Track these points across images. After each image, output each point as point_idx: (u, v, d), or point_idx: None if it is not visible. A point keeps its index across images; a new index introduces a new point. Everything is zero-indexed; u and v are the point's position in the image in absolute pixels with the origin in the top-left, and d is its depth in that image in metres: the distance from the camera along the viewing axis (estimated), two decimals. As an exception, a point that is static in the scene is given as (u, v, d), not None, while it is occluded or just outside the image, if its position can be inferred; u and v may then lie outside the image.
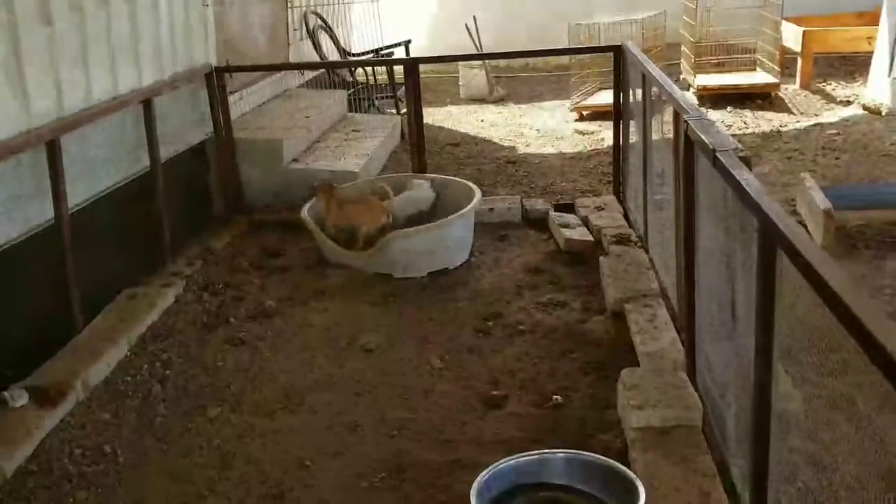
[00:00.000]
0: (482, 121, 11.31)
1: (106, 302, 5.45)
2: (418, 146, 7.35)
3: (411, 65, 7.34)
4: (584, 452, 3.45)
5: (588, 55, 10.46)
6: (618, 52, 6.95)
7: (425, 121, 9.63)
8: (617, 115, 7.13)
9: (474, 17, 12.66)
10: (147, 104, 6.05)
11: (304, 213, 6.42)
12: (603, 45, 10.08)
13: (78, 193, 5.22)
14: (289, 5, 9.90)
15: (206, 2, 7.27)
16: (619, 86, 6.98)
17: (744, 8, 11.39)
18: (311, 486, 3.79)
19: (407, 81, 7.32)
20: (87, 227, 5.25)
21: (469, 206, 6.30)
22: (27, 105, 4.72)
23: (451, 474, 3.76)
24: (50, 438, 4.12)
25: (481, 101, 12.76)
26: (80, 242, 5.06)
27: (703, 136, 3.50)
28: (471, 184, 6.77)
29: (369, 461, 3.93)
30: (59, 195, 4.85)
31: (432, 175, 7.23)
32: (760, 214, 2.67)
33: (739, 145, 3.34)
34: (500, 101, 12.75)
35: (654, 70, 5.40)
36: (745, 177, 2.94)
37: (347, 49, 11.47)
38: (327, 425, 4.26)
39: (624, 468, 3.28)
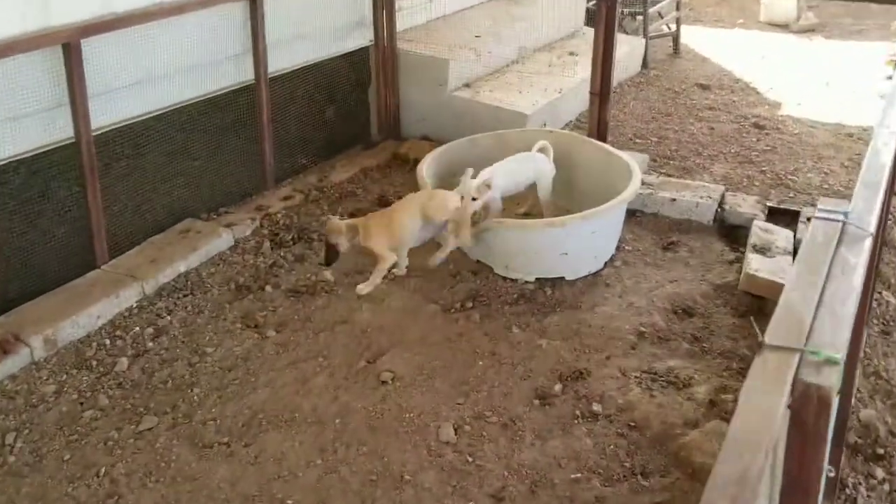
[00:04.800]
0: (763, 58, 8.80)
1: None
2: (601, 92, 5.54)
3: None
4: None
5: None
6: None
7: (690, 44, 7.64)
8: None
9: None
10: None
11: (423, 170, 5.09)
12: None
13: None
14: None
15: None
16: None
17: None
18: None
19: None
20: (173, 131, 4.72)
21: (605, 206, 4.55)
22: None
23: None
24: (-38, 406, 3.55)
25: (783, 27, 10.06)
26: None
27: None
28: (633, 162, 4.92)
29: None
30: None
31: (591, 140, 5.41)
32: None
33: None
34: (806, 30, 9.93)
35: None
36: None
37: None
38: (253, 491, 3.17)
39: None
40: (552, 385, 3.73)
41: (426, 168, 5.08)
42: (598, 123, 5.60)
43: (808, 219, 4.78)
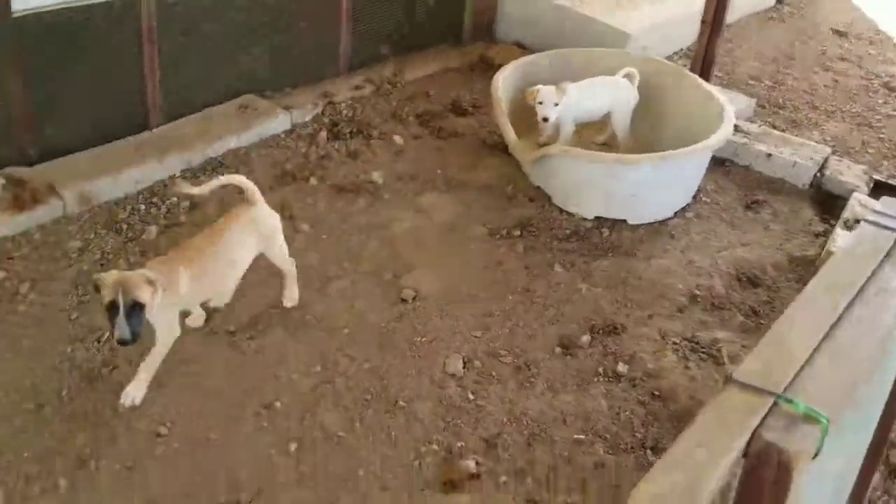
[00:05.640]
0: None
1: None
2: (713, 21, 4.96)
3: None
4: None
5: None
6: None
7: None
8: None
9: None
10: None
11: (499, 80, 4.71)
12: None
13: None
14: None
15: None
16: None
17: None
18: None
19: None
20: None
21: (686, 149, 4.10)
22: None
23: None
24: (-14, 249, 3.55)
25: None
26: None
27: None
28: (729, 107, 4.41)
29: None
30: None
31: (696, 78, 4.86)
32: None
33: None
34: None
35: None
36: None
37: None
38: (245, 386, 3.07)
39: None
40: (580, 335, 3.45)
41: (503, 79, 4.71)
42: (704, 57, 5.04)
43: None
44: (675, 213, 4.29)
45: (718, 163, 4.69)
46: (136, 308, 2.69)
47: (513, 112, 4.59)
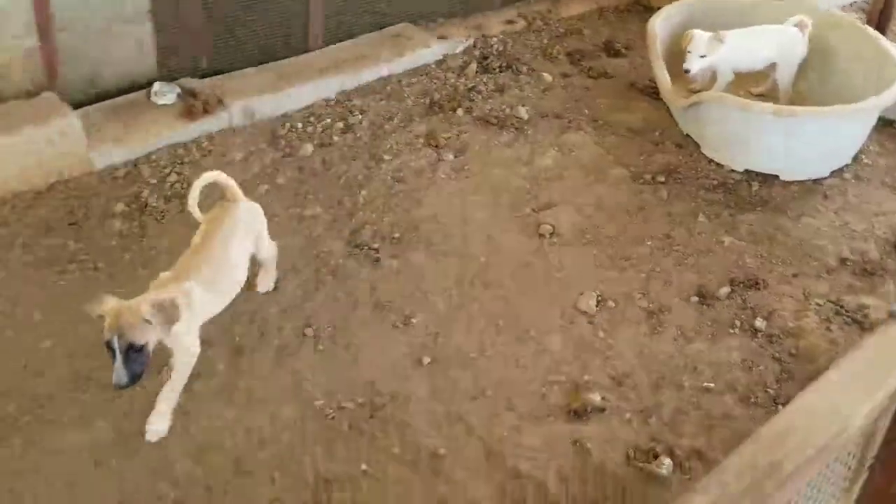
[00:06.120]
0: None
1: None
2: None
3: None
4: None
5: None
6: None
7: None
8: None
9: None
10: None
11: (654, 25, 4.57)
12: None
13: None
14: None
15: None
16: None
17: None
18: None
19: None
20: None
21: (851, 106, 3.88)
22: None
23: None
24: (160, 154, 3.85)
25: None
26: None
27: None
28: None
29: None
30: None
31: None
32: None
33: None
34: None
35: None
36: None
37: None
38: (386, 299, 3.23)
39: None
40: (719, 287, 3.39)
41: (659, 22, 4.58)
42: (882, 8, 4.70)
43: None
44: (832, 172, 4.09)
45: (886, 124, 4.41)
46: (134, 350, 2.40)
47: (667, 56, 4.46)
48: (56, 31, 3.73)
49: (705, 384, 2.97)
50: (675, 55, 4.44)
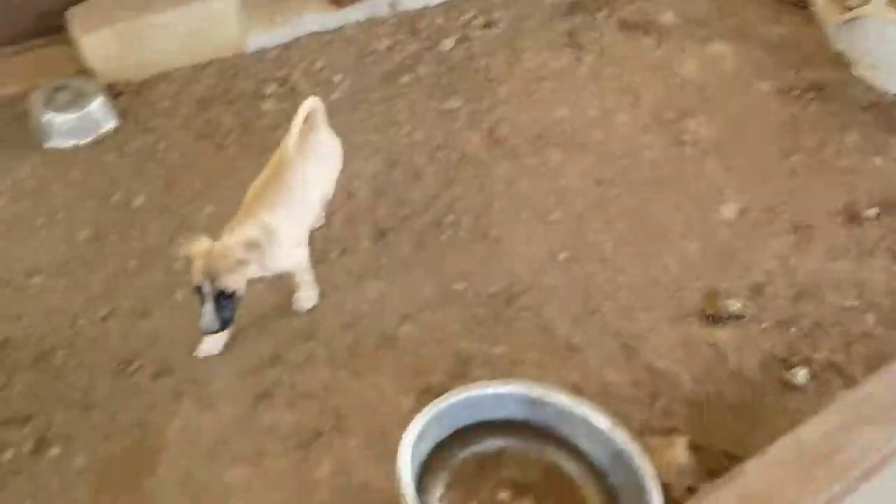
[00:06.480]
0: None
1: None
2: None
3: None
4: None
5: None
6: None
7: None
8: None
9: None
10: None
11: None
12: None
13: None
14: None
15: None
16: None
17: None
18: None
19: None
20: None
21: None
22: None
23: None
24: (309, 39, 3.94)
25: None
26: None
27: None
28: None
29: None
30: None
31: None
32: None
33: None
34: None
35: None
36: None
37: None
38: (526, 192, 3.27)
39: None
40: (867, 207, 3.28)
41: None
42: None
43: None
44: None
45: None
46: (224, 297, 2.34)
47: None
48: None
49: (847, 303, 2.92)
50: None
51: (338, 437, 2.50)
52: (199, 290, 2.33)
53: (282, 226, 2.54)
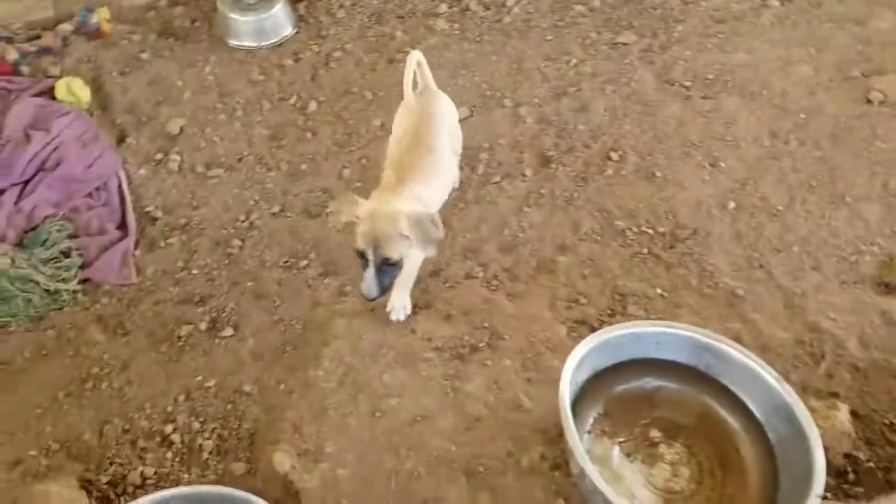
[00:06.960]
0: None
1: None
2: None
3: None
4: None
5: None
6: None
7: None
8: None
9: None
10: None
11: None
12: None
13: None
14: None
15: None
16: None
17: None
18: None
19: None
20: None
21: None
22: None
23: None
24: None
25: None
26: None
27: None
28: None
29: None
30: None
31: None
32: None
33: None
34: None
35: None
36: None
37: None
38: (693, 139, 3.19)
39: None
40: None
41: None
42: None
43: None
44: None
45: None
46: (388, 264, 2.32)
47: None
48: None
49: None
50: None
51: (492, 354, 2.55)
52: (362, 255, 2.32)
53: (434, 198, 2.56)
